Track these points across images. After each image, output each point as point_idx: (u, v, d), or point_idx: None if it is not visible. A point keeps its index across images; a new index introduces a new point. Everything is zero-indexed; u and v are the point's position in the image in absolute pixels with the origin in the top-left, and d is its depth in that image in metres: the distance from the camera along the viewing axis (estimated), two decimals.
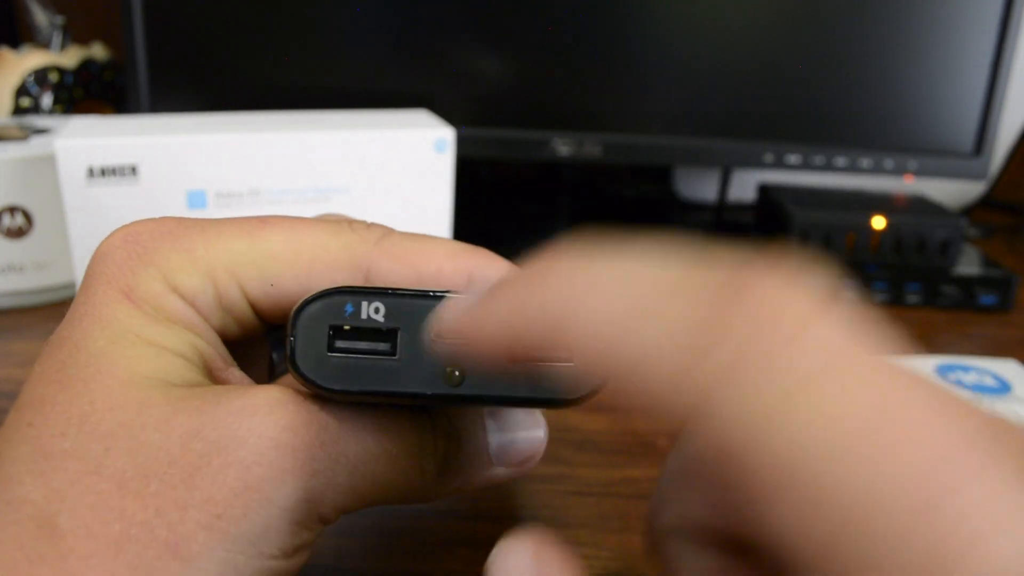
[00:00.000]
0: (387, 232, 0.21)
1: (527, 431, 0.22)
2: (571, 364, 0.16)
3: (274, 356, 0.26)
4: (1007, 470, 0.10)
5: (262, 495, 0.17)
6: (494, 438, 0.22)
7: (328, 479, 0.18)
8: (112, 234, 0.20)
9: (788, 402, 0.10)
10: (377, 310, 0.18)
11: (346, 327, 0.18)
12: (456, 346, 0.17)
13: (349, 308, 0.18)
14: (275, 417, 0.18)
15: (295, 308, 0.18)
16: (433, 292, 0.18)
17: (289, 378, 0.26)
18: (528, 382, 0.18)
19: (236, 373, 0.21)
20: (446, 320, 0.16)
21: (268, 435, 0.17)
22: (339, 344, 0.18)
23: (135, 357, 0.18)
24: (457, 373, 0.18)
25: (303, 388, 0.18)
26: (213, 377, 0.20)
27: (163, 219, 0.21)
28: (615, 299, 0.12)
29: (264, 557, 0.17)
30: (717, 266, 0.12)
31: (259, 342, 0.25)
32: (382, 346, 0.18)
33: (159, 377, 0.18)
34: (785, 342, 0.11)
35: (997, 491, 0.10)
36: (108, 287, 0.19)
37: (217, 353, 0.20)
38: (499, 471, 0.22)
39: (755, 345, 0.11)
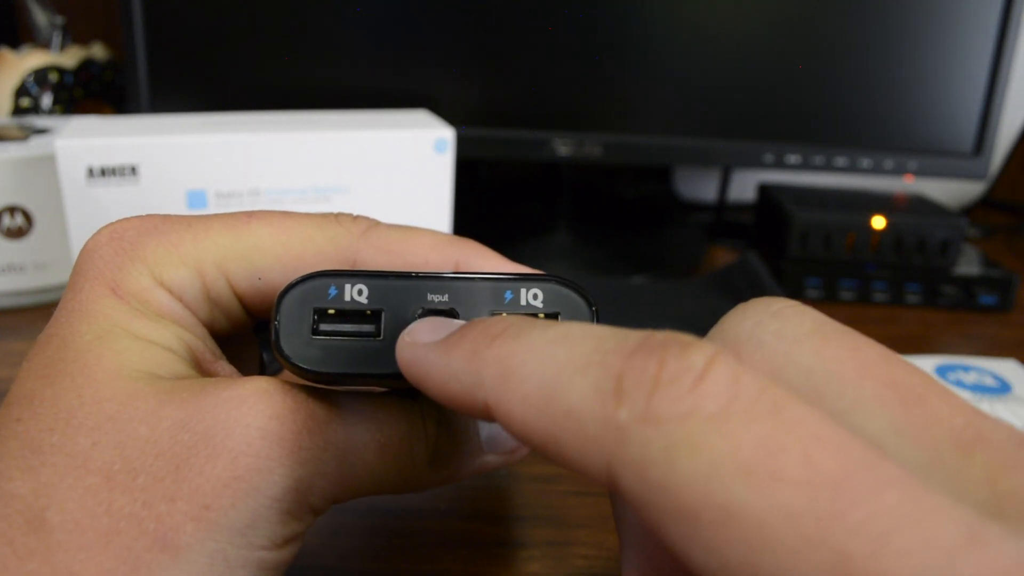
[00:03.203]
0: (373, 224, 0.22)
1: None
2: None
3: (264, 356, 0.26)
4: (910, 480, 0.11)
5: (250, 485, 0.17)
6: (484, 426, 0.22)
7: (317, 468, 0.18)
8: (99, 231, 0.20)
9: (683, 445, 0.11)
10: (360, 292, 0.18)
11: (330, 310, 0.18)
12: None
13: (332, 291, 0.18)
14: (262, 407, 0.17)
15: (279, 292, 0.18)
16: (416, 273, 0.18)
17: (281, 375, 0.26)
18: None
19: (225, 366, 0.21)
20: (400, 358, 0.16)
21: (255, 424, 0.17)
22: (323, 327, 0.18)
23: (122, 351, 0.18)
24: None
25: (289, 371, 0.18)
26: (202, 370, 0.20)
27: (150, 216, 0.21)
28: (544, 364, 0.13)
29: (254, 548, 0.17)
30: (630, 337, 0.13)
31: (249, 341, 0.25)
32: (366, 328, 0.18)
33: (146, 370, 0.18)
34: (684, 391, 0.12)
35: (903, 498, 0.10)
36: (95, 283, 0.19)
37: (205, 346, 0.20)
38: (490, 459, 0.22)
39: (653, 401, 0.12)
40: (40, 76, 0.61)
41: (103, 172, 0.37)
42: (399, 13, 0.51)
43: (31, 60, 0.60)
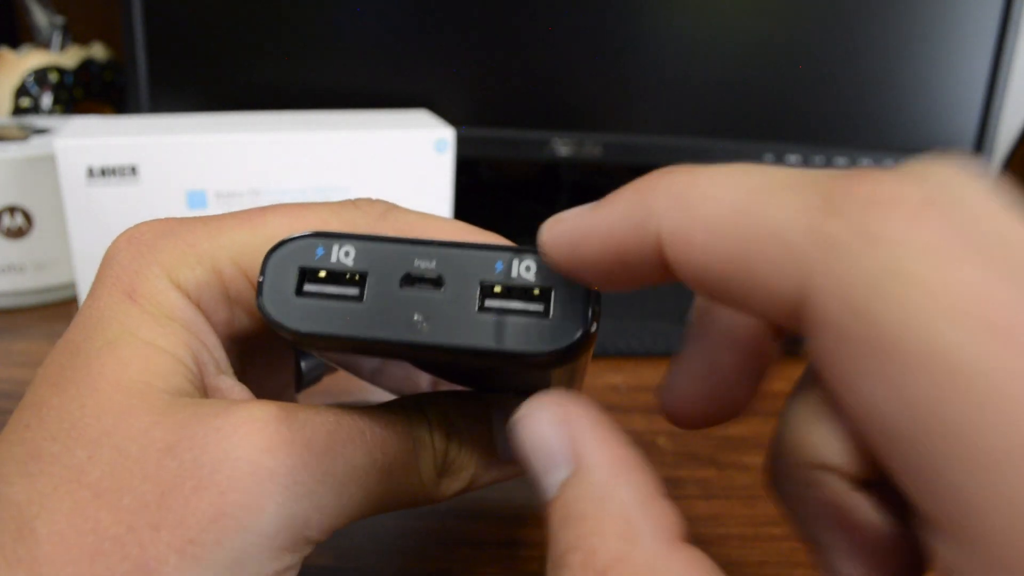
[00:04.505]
0: (391, 207, 0.21)
1: None
2: (544, 318, 0.16)
3: (302, 364, 0.25)
4: None
5: (238, 523, 0.16)
6: (500, 434, 0.21)
7: (313, 502, 0.17)
8: (118, 237, 0.20)
9: (897, 271, 0.10)
10: (347, 254, 0.17)
11: (317, 270, 0.17)
12: (425, 294, 0.17)
13: (320, 251, 0.17)
14: (253, 439, 0.17)
15: (267, 250, 0.17)
16: (406, 239, 0.17)
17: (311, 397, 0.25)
18: (497, 334, 0.17)
19: (226, 380, 0.20)
20: (547, 237, 0.15)
21: (245, 459, 0.17)
22: (308, 288, 0.17)
23: (126, 359, 0.18)
24: (424, 322, 0.17)
25: (273, 330, 0.18)
26: (201, 383, 0.20)
27: (166, 219, 0.20)
28: (734, 188, 0.13)
29: None
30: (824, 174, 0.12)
31: (284, 348, 0.25)
32: (350, 291, 0.17)
33: (147, 381, 0.18)
34: (903, 216, 0.11)
35: None
36: (113, 289, 0.19)
37: (211, 356, 0.20)
38: (508, 469, 0.21)
39: (868, 219, 0.11)
40: (40, 76, 0.61)
41: (103, 172, 0.37)
42: (399, 13, 0.51)
43: (31, 60, 0.60)
